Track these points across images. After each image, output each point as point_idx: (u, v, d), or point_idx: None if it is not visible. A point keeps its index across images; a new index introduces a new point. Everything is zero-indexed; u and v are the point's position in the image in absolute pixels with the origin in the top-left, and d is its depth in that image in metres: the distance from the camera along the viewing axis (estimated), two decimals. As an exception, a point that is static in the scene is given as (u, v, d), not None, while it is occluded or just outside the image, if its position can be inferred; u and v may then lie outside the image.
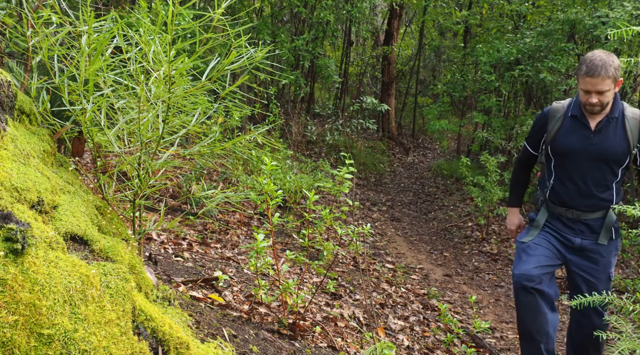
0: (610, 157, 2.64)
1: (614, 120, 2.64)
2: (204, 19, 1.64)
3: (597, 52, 2.58)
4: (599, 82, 2.50)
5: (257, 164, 5.03)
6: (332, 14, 9.14)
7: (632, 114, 2.66)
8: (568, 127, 2.74)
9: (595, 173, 2.67)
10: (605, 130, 2.65)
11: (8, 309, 0.95)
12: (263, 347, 2.16)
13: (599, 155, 2.65)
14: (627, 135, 2.63)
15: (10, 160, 1.25)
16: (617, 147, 2.64)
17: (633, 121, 2.64)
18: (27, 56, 1.87)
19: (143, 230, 1.98)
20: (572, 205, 2.73)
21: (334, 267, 4.55)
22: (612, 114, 2.64)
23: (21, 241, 1.02)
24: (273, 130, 7.70)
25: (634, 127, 2.64)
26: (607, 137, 2.65)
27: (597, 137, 2.66)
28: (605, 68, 2.49)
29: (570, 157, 2.72)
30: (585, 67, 2.51)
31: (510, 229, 3.14)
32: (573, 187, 2.72)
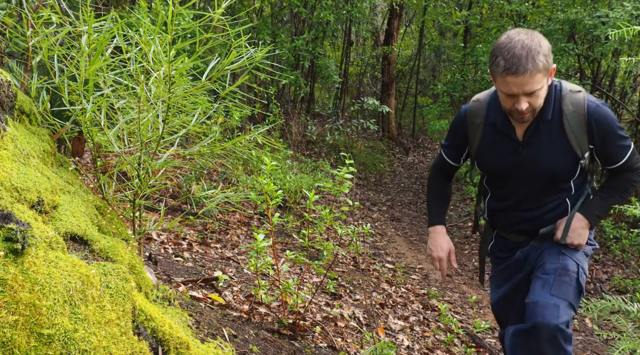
0: (551, 174, 1.99)
1: (547, 124, 1.94)
2: (204, 19, 1.64)
3: (514, 34, 1.81)
4: (527, 81, 1.76)
5: (257, 164, 5.03)
6: (332, 14, 9.14)
7: (572, 106, 1.92)
8: (489, 140, 2.06)
9: (539, 192, 2.05)
10: (536, 139, 1.96)
11: (8, 309, 0.95)
12: (263, 347, 2.16)
13: (535, 173, 2.00)
14: (569, 141, 1.93)
15: (10, 160, 1.25)
16: (558, 161, 1.96)
17: (574, 118, 1.92)
18: (27, 56, 1.87)
19: (143, 230, 1.98)
20: (517, 230, 2.13)
21: (334, 267, 4.55)
22: (543, 116, 1.93)
23: (21, 241, 1.02)
24: (273, 130, 7.70)
25: (577, 125, 1.92)
26: (541, 149, 1.96)
27: (528, 150, 1.98)
28: (532, 59, 1.74)
29: (502, 179, 2.09)
30: (504, 61, 1.76)
31: (438, 256, 2.20)
32: (514, 211, 2.10)
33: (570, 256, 2.02)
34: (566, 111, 1.94)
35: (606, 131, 1.94)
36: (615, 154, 1.99)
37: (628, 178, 2.03)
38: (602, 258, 6.45)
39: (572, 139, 1.95)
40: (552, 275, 1.96)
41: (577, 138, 1.95)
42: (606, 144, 1.96)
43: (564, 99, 1.95)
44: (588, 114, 1.93)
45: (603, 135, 1.94)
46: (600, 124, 1.93)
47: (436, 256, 2.22)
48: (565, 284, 1.94)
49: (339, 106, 12.68)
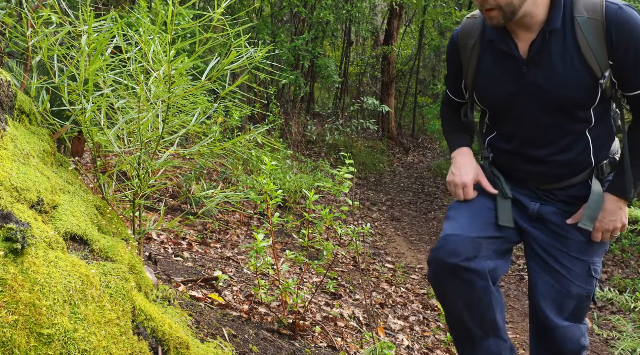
0: (565, 101, 1.59)
1: (556, 34, 1.55)
2: (204, 19, 1.64)
3: None
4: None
5: (257, 164, 5.03)
6: (332, 14, 9.14)
7: (587, 11, 1.54)
8: (487, 63, 1.69)
9: (552, 125, 1.64)
10: (545, 55, 1.57)
11: (8, 309, 0.95)
12: (263, 347, 2.16)
13: (545, 100, 1.60)
14: (585, 56, 1.53)
15: (10, 160, 1.25)
16: (573, 83, 1.56)
17: (590, 26, 1.53)
18: (27, 56, 1.87)
19: (143, 230, 1.98)
20: (526, 176, 1.75)
21: (334, 267, 4.55)
22: (551, 24, 1.54)
23: (21, 241, 1.02)
24: (273, 130, 7.70)
25: (594, 35, 1.52)
26: (550, 68, 1.57)
27: (535, 70, 1.59)
28: None
29: (505, 112, 1.71)
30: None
31: (462, 181, 1.75)
32: (523, 152, 1.72)
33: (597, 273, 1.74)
34: (579, 19, 1.54)
35: (630, 40, 1.50)
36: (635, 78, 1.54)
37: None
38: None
39: (589, 54, 1.53)
40: (574, 301, 1.72)
41: (595, 52, 1.53)
42: (628, 60, 1.52)
43: (576, 3, 1.55)
44: (607, 19, 1.51)
45: (626, 46, 1.51)
46: (623, 31, 1.50)
47: (460, 182, 1.74)
48: (582, 308, 1.75)
49: (339, 106, 12.68)
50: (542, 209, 1.74)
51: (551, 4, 1.56)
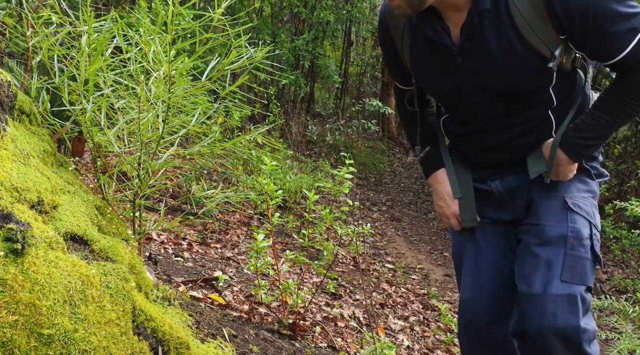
0: (512, 89, 1.36)
1: (488, 16, 1.28)
2: (204, 19, 1.64)
3: None
4: None
5: (257, 164, 5.02)
6: (332, 14, 9.14)
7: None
8: (421, 51, 1.43)
9: (504, 112, 1.42)
10: (478, 39, 1.31)
11: (8, 309, 0.95)
12: (263, 347, 2.16)
13: (490, 90, 1.38)
14: (525, 36, 1.26)
15: (10, 160, 1.25)
16: (516, 67, 1.31)
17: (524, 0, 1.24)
18: (27, 56, 1.87)
19: (143, 230, 1.98)
20: (484, 163, 1.55)
21: (334, 267, 4.55)
22: (478, 3, 1.27)
23: (21, 241, 1.02)
24: (273, 130, 7.70)
25: (531, 9, 1.24)
26: (486, 54, 1.32)
27: (469, 59, 1.34)
28: None
29: (451, 103, 1.51)
30: None
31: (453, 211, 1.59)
32: (478, 137, 1.51)
33: (579, 208, 1.38)
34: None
35: (583, 9, 1.20)
36: (606, 44, 1.22)
37: (634, 83, 1.26)
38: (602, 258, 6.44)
39: (529, 34, 1.25)
40: (561, 248, 1.33)
41: (537, 30, 1.24)
42: (587, 30, 1.22)
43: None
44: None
45: (579, 16, 1.21)
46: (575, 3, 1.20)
47: (449, 213, 1.58)
48: (580, 259, 1.34)
49: (339, 106, 12.68)
50: (503, 183, 1.51)
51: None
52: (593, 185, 1.47)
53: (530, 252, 1.37)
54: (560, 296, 1.28)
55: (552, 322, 1.26)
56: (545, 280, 1.31)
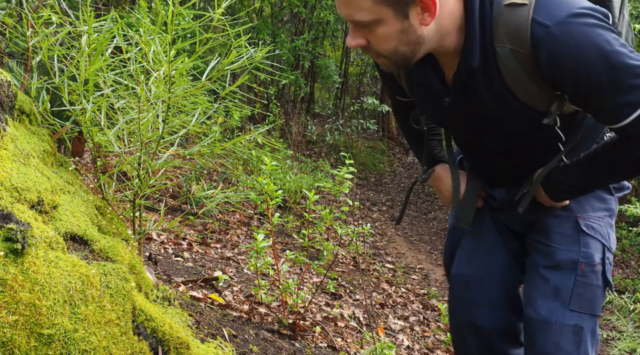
0: (511, 135, 1.26)
1: (478, 73, 1.15)
2: (204, 19, 1.64)
3: None
4: (344, 1, 1.06)
5: (257, 164, 5.02)
6: (332, 14, 9.14)
7: (509, 38, 1.08)
8: (416, 79, 1.31)
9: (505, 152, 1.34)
10: (471, 92, 1.19)
11: (8, 309, 0.95)
12: (263, 347, 2.16)
13: (487, 132, 1.28)
14: (515, 94, 1.14)
15: (10, 160, 1.25)
16: (512, 120, 1.20)
17: (514, 58, 1.08)
18: (27, 56, 1.87)
19: (143, 230, 1.98)
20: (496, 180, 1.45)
21: (334, 267, 4.55)
22: (468, 60, 1.13)
23: (21, 241, 1.02)
24: (273, 130, 7.70)
25: (520, 67, 1.09)
26: (481, 106, 1.20)
27: (463, 105, 1.23)
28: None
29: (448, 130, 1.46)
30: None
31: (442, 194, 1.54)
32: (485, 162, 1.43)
33: (593, 230, 1.29)
34: (499, 50, 1.09)
35: (578, 77, 1.04)
36: (606, 111, 1.08)
37: (630, 150, 1.12)
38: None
39: (521, 93, 1.12)
40: (571, 274, 1.25)
41: (529, 90, 1.12)
42: (580, 99, 1.09)
43: (495, 27, 1.08)
44: (534, 49, 1.05)
45: (571, 88, 1.07)
46: (559, 61, 1.03)
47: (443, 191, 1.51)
48: (591, 287, 1.26)
49: (339, 106, 12.68)
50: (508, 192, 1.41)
51: (466, 30, 1.11)
52: (611, 202, 1.35)
53: (539, 274, 1.31)
54: (567, 327, 1.23)
55: (554, 353, 1.23)
56: (552, 307, 1.25)
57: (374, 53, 1.14)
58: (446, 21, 1.09)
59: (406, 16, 1.04)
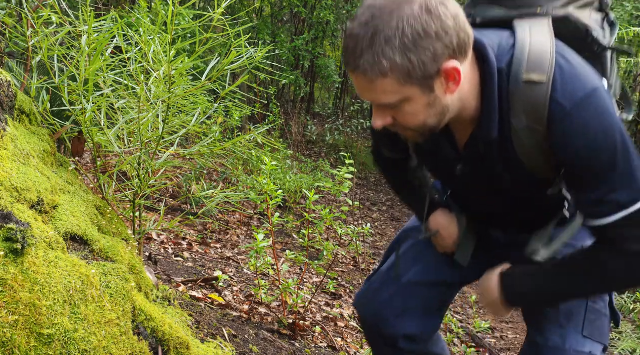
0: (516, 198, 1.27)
1: (496, 144, 1.14)
2: (204, 19, 1.64)
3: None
4: (364, 86, 1.04)
5: (257, 164, 5.02)
6: (332, 14, 9.14)
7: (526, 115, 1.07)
8: (425, 149, 1.31)
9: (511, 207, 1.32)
10: (485, 160, 1.19)
11: (8, 309, 0.95)
12: (263, 347, 2.16)
13: (494, 192, 1.27)
14: (528, 169, 1.14)
15: (10, 160, 1.25)
16: (522, 185, 1.21)
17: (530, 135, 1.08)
18: (27, 56, 1.87)
19: (143, 230, 1.98)
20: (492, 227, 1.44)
21: (334, 267, 4.55)
22: (484, 133, 1.12)
23: (21, 241, 1.02)
24: (273, 130, 7.70)
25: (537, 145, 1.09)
26: (493, 173, 1.20)
27: (470, 170, 1.24)
28: (370, 50, 0.98)
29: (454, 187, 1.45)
30: (344, 42, 1.04)
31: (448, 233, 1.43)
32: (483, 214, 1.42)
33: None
34: (516, 125, 1.08)
35: (586, 159, 1.04)
36: (595, 202, 1.07)
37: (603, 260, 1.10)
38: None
39: (531, 165, 1.13)
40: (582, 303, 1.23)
41: (539, 164, 1.12)
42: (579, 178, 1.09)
43: (513, 101, 1.07)
44: (550, 129, 1.05)
45: (580, 164, 1.06)
46: (576, 147, 1.04)
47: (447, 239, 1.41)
48: (600, 315, 1.24)
49: (339, 106, 12.67)
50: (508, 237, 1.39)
51: (482, 101, 1.10)
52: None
53: None
54: (581, 353, 1.17)
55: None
56: (565, 333, 1.20)
57: (400, 128, 1.12)
58: (466, 88, 1.08)
59: (432, 89, 1.03)
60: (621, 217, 1.04)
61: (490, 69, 1.07)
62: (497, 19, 1.15)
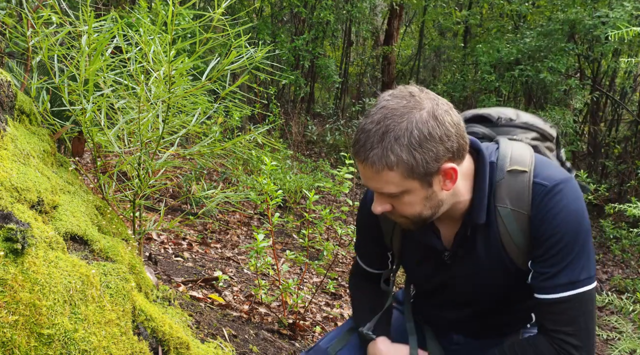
0: (498, 295, 1.36)
1: (482, 229, 1.26)
2: (204, 19, 1.64)
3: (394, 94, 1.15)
4: (371, 176, 1.15)
5: (257, 164, 5.02)
6: (332, 14, 9.14)
7: (511, 200, 1.21)
8: (412, 242, 1.40)
9: (484, 315, 1.42)
10: (469, 248, 1.30)
11: (8, 309, 0.95)
12: (263, 347, 2.16)
13: (475, 293, 1.37)
14: (509, 253, 1.25)
15: (10, 160, 1.25)
16: (502, 279, 1.30)
17: (515, 220, 1.22)
18: (27, 56, 1.87)
19: (143, 230, 1.98)
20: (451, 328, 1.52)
21: (334, 267, 4.55)
22: (474, 217, 1.24)
23: (21, 241, 1.02)
24: (273, 130, 7.70)
25: (519, 230, 1.22)
26: (476, 264, 1.30)
27: (459, 263, 1.33)
28: (381, 146, 1.10)
29: (434, 293, 1.47)
30: (356, 133, 1.17)
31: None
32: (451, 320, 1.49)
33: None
34: (501, 210, 1.22)
35: (548, 230, 1.18)
36: (551, 275, 1.18)
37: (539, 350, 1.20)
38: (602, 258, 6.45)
39: (514, 251, 1.24)
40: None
41: (522, 250, 1.23)
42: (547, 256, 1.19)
43: (498, 189, 1.22)
44: (533, 211, 1.20)
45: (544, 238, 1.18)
46: (550, 221, 1.18)
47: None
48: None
49: (339, 106, 12.68)
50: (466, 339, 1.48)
51: (474, 191, 1.24)
52: None
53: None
54: None
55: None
56: None
57: (397, 216, 1.24)
58: (461, 184, 1.22)
59: (431, 185, 1.16)
60: (565, 295, 1.17)
61: (484, 160, 1.24)
62: (481, 134, 1.37)
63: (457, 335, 1.50)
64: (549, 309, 1.20)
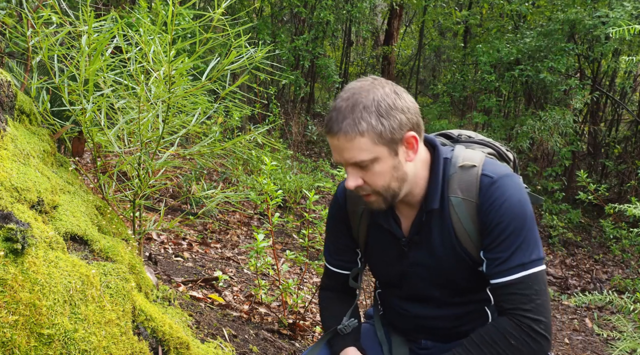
0: (451, 283, 1.44)
1: (436, 215, 1.38)
2: (204, 19, 1.64)
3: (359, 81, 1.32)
4: (343, 145, 1.26)
5: (257, 164, 5.02)
6: (332, 14, 9.15)
7: (461, 191, 1.35)
8: (375, 235, 1.51)
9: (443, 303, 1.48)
10: (425, 236, 1.40)
11: (8, 309, 0.95)
12: (263, 347, 2.16)
13: (431, 281, 1.45)
14: (460, 239, 1.36)
15: (10, 160, 1.25)
16: (454, 266, 1.40)
17: (465, 209, 1.35)
18: (27, 56, 1.87)
19: (143, 230, 1.98)
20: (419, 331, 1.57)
21: (334, 267, 4.55)
22: (429, 203, 1.37)
23: (21, 241, 1.02)
24: (273, 130, 7.70)
25: (469, 219, 1.35)
26: (431, 249, 1.40)
27: (415, 250, 1.43)
28: (352, 115, 1.24)
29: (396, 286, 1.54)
30: (327, 115, 1.30)
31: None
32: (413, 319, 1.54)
33: None
34: (454, 200, 1.35)
35: (496, 218, 1.29)
36: (503, 260, 1.29)
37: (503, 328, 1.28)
38: (602, 258, 6.45)
39: (465, 239, 1.36)
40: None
41: (472, 237, 1.35)
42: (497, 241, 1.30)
43: (450, 181, 1.36)
44: (480, 199, 1.32)
45: (492, 225, 1.30)
46: (498, 209, 1.30)
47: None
48: None
49: (339, 106, 12.65)
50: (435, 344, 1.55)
51: (429, 181, 1.38)
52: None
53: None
54: None
55: None
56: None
57: (368, 191, 1.34)
58: (419, 166, 1.37)
59: (396, 153, 1.30)
60: (519, 276, 1.28)
61: (439, 154, 1.39)
62: (442, 142, 1.52)
63: (425, 340, 1.57)
64: (505, 291, 1.30)
